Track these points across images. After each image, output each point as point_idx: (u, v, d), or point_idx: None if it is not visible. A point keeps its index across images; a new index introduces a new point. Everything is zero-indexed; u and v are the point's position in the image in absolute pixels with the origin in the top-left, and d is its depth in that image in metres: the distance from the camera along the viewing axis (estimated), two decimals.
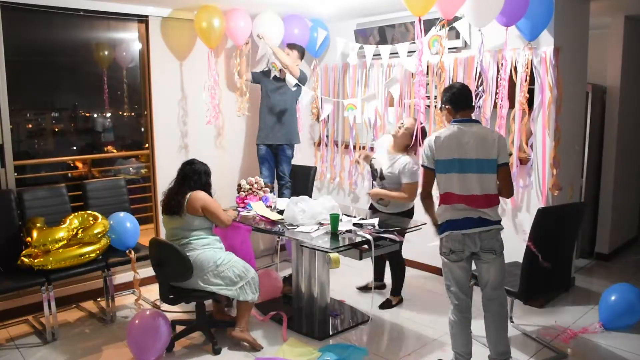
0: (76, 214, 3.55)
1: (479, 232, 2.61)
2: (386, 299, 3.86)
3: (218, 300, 3.47)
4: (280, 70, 4.35)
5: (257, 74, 4.54)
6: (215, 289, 3.04)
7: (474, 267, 2.75)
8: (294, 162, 4.71)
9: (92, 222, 3.48)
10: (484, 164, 2.61)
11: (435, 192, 2.74)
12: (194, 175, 3.18)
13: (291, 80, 4.23)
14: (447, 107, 2.75)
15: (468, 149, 2.61)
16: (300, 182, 4.62)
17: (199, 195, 3.12)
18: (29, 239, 3.30)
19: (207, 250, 3.09)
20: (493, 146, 2.62)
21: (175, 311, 3.67)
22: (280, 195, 4.48)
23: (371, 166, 3.78)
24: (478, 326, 2.89)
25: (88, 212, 3.59)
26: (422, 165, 2.78)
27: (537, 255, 2.82)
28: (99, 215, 3.54)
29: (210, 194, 3.22)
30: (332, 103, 4.61)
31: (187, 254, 3.01)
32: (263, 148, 4.51)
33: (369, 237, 3.04)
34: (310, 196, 4.35)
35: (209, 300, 3.28)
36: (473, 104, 2.87)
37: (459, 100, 2.72)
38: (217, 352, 3.12)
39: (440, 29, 3.68)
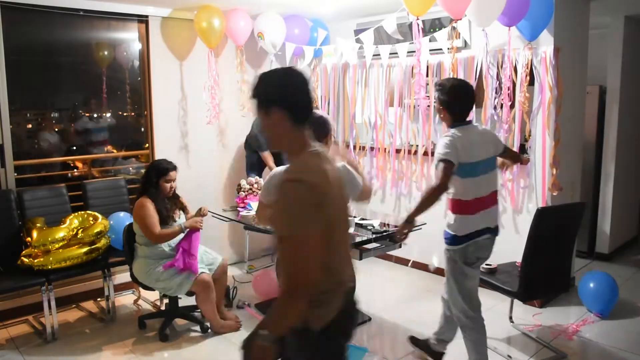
0: (76, 214, 3.55)
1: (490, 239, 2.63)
2: None
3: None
4: None
5: None
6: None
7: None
8: None
9: (92, 222, 3.47)
10: (490, 161, 2.58)
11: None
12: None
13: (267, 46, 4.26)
14: (451, 112, 2.55)
15: (480, 151, 2.53)
16: None
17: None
18: (28, 239, 3.30)
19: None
20: (494, 141, 2.62)
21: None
22: None
23: None
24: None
25: (88, 212, 3.59)
26: (447, 160, 2.46)
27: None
28: (99, 215, 3.53)
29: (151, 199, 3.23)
30: None
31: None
32: (254, 155, 4.48)
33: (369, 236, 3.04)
34: None
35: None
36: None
37: (468, 105, 2.56)
38: (204, 330, 3.37)
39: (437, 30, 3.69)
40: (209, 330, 3.37)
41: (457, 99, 2.54)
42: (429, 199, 2.46)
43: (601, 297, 3.50)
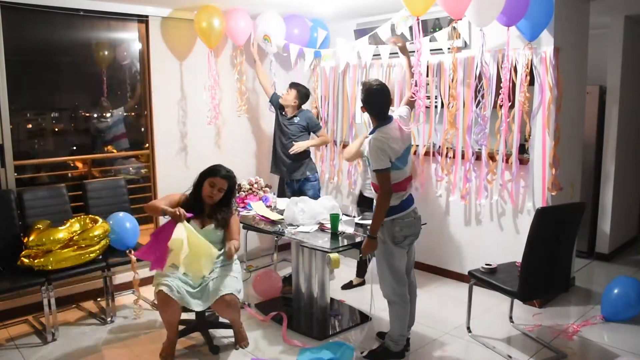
0: (78, 218, 3.53)
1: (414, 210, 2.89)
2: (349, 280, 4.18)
3: None
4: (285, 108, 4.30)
5: (277, 96, 4.39)
6: None
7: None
8: None
9: (91, 225, 3.45)
10: (408, 150, 2.90)
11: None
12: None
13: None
14: (370, 113, 2.86)
15: (400, 143, 2.81)
16: None
17: None
18: (26, 239, 3.30)
19: None
20: (408, 134, 2.91)
21: None
22: None
23: None
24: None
25: (90, 215, 3.58)
26: (383, 169, 2.73)
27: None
28: (99, 219, 3.52)
29: None
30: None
31: None
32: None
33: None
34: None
35: None
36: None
37: (383, 106, 2.84)
38: (214, 350, 3.13)
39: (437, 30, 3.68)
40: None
41: (373, 103, 2.83)
42: (382, 209, 2.73)
43: (620, 311, 3.44)
